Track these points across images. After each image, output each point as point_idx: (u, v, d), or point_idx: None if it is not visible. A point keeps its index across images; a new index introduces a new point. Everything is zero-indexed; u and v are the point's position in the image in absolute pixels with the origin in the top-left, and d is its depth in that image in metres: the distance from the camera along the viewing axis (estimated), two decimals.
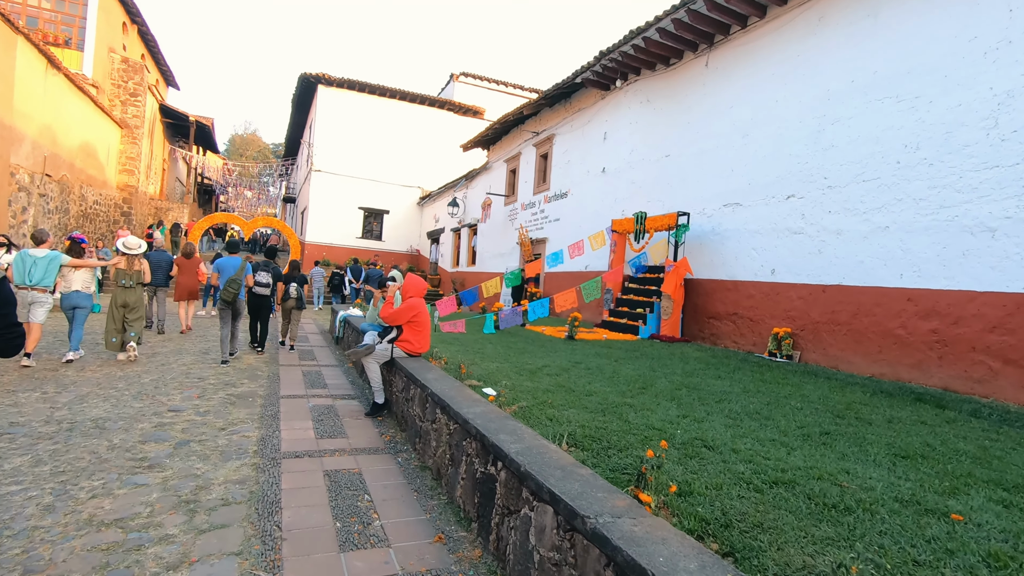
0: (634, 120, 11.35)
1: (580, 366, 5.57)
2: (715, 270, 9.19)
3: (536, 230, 15.11)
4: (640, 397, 4.23)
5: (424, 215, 26.96)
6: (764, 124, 8.47)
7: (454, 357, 5.62)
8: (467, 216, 20.69)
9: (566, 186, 13.78)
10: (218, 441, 4.20)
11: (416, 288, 5.38)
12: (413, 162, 26.58)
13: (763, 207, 8.36)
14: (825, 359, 7.20)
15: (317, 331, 11.93)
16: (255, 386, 6.14)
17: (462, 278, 20.73)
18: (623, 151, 11.59)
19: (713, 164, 9.40)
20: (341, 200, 25.35)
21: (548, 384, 4.51)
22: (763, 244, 8.33)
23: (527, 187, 15.92)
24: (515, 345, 7.06)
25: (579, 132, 13.32)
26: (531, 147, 15.76)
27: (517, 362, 5.58)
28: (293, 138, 32.35)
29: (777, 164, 8.18)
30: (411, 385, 4.61)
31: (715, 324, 9.09)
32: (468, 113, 27.68)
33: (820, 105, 7.59)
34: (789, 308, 7.81)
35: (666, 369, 5.84)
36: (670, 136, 10.47)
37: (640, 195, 11.07)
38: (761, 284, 8.29)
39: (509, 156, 17.25)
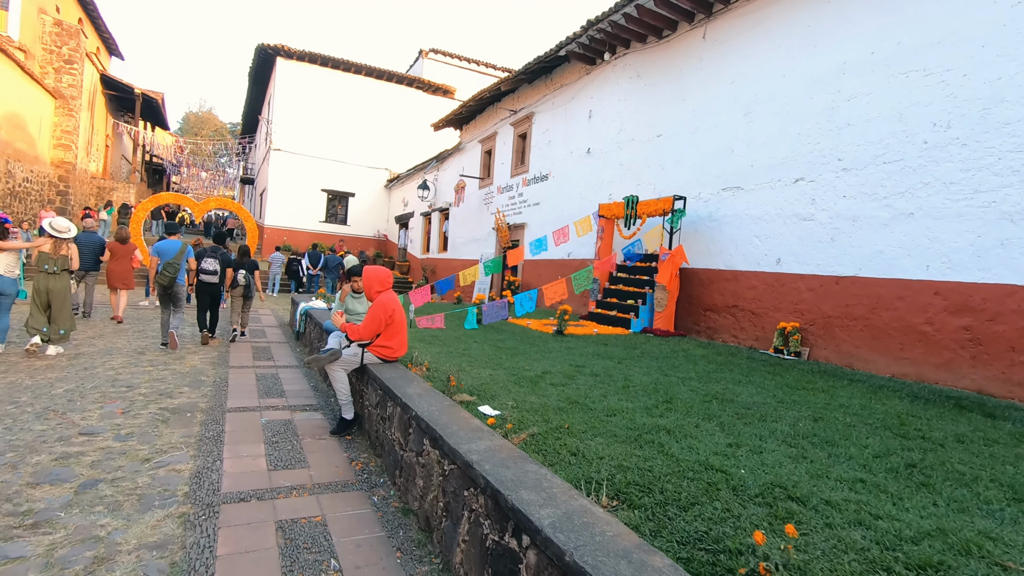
0: (623, 97, 10.57)
1: (584, 371, 4.79)
2: (712, 259, 8.55)
3: (514, 215, 14.26)
4: (671, 416, 3.48)
5: (392, 198, 25.72)
6: (769, 101, 7.80)
7: (437, 361, 4.77)
8: (438, 200, 19.65)
9: (547, 168, 12.95)
10: (138, 479, 3.26)
11: (381, 280, 4.49)
12: (380, 143, 25.25)
13: (767, 191, 7.73)
14: (838, 356, 6.64)
15: (276, 324, 10.84)
16: (196, 396, 5.16)
17: (433, 265, 19.75)
18: (611, 130, 10.81)
19: (711, 144, 8.71)
20: (303, 181, 23.89)
21: (556, 399, 3.71)
22: (767, 231, 7.70)
23: (504, 169, 15.02)
24: (504, 344, 6.25)
25: (561, 110, 12.47)
26: (508, 126, 14.83)
27: (512, 367, 4.76)
28: (251, 115, 30.43)
29: (784, 144, 7.53)
30: (389, 401, 3.74)
31: (712, 317, 8.47)
32: (438, 92, 26.45)
33: (834, 80, 6.95)
34: (797, 301, 7.22)
35: (678, 372, 5.13)
36: (663, 114, 9.74)
37: (629, 178, 10.34)
38: (764, 274, 7.68)
39: (484, 136, 16.28)
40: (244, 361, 6.97)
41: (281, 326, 10.55)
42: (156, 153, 32.66)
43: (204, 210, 15.74)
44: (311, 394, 5.62)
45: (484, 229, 15.96)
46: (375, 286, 4.47)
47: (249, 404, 5.03)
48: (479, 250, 16.15)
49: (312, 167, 24.03)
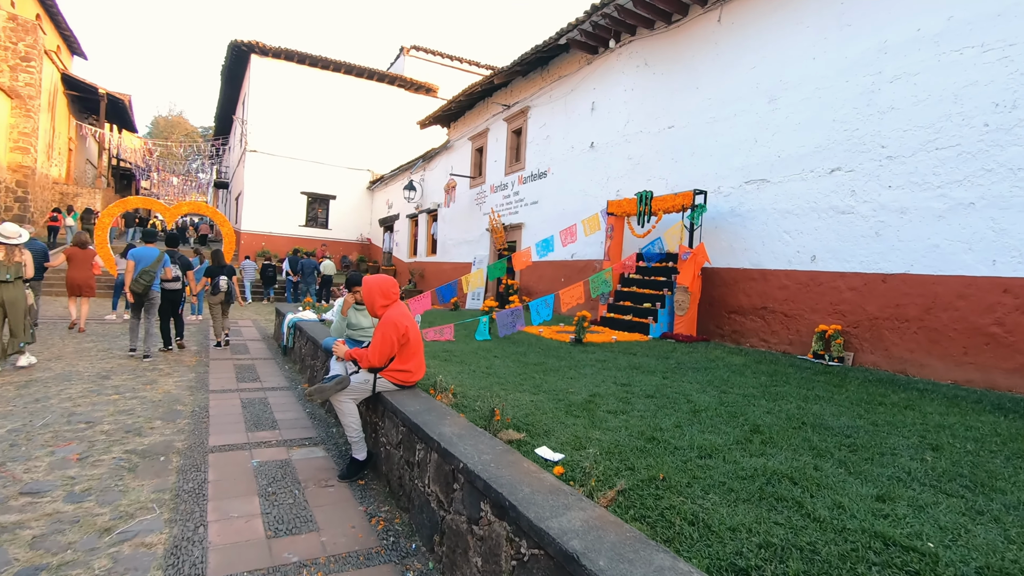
0: (630, 87, 9.94)
1: (635, 392, 4.10)
2: (736, 257, 7.95)
3: (510, 214, 13.54)
4: (774, 453, 2.81)
5: (375, 200, 24.80)
6: (797, 86, 7.22)
7: (462, 385, 4.02)
8: (426, 201, 18.83)
9: (545, 164, 12.26)
10: (95, 563, 2.46)
11: (384, 292, 3.73)
12: (361, 143, 24.32)
13: (798, 183, 7.15)
14: (888, 361, 6.07)
15: (258, 337, 9.94)
16: (171, 432, 4.33)
17: (421, 269, 18.92)
18: (616, 123, 10.17)
19: (730, 135, 8.12)
20: (281, 184, 22.84)
21: (627, 434, 3.01)
22: (798, 226, 7.12)
23: (497, 167, 14.30)
24: (527, 358, 5.52)
25: (560, 103, 11.80)
26: (501, 122, 14.12)
27: (552, 389, 4.05)
28: (224, 115, 29.18)
29: (816, 132, 6.96)
30: (419, 444, 3.00)
31: (737, 320, 7.86)
32: (420, 90, 25.63)
33: (874, 60, 6.39)
34: (837, 301, 6.63)
35: (736, 388, 4.47)
36: (674, 104, 9.12)
37: (638, 172, 9.70)
38: (797, 273, 7.10)
39: (474, 133, 15.54)
40: (226, 383, 6.12)
41: (265, 339, 9.65)
42: (123, 157, 31.18)
43: (176, 215, 14.70)
44: (308, 423, 4.82)
45: (477, 230, 15.21)
46: (378, 300, 3.71)
47: (236, 440, 4.22)
48: (472, 252, 15.39)
49: (290, 169, 23.00)
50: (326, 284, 16.87)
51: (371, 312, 3.74)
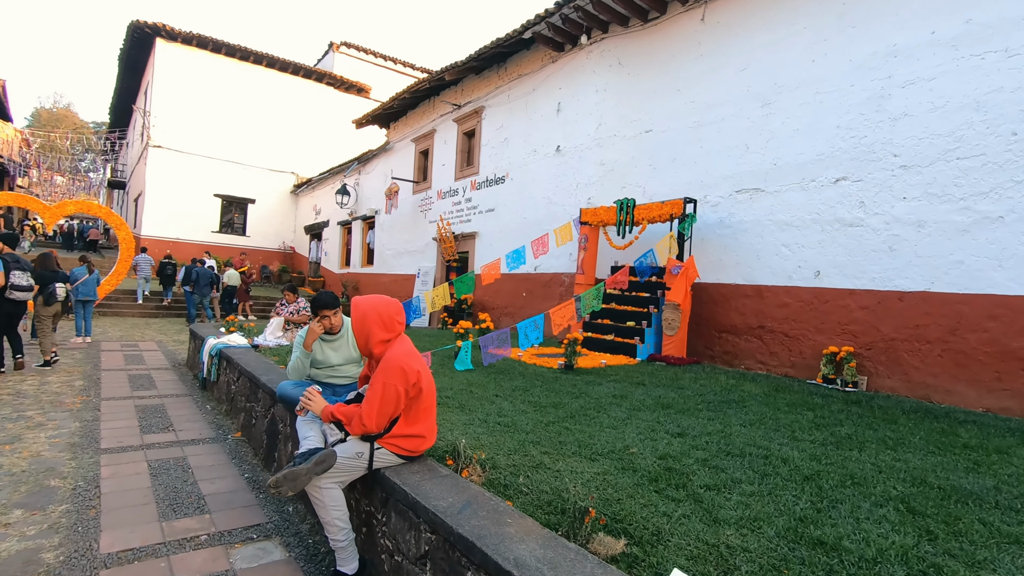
0: (602, 87, 9.23)
1: (698, 445, 3.20)
2: (726, 272, 7.36)
3: (462, 223, 12.44)
4: (970, 549, 1.96)
5: (301, 206, 22.79)
6: (794, 90, 6.76)
7: (481, 443, 2.94)
8: (361, 207, 17.30)
9: (503, 169, 11.31)
10: None
11: (386, 322, 2.58)
12: (285, 143, 22.30)
13: (797, 193, 6.65)
14: (907, 386, 5.60)
15: (166, 363, 8.17)
16: (38, 533, 2.89)
17: (355, 281, 17.32)
18: (587, 126, 9.42)
19: (717, 141, 7.56)
20: (191, 185, 20.36)
21: (765, 532, 2.08)
22: (799, 239, 6.61)
23: (446, 171, 13.18)
24: (534, 395, 4.48)
25: (520, 103, 10.92)
26: (450, 123, 13.04)
27: (599, 445, 3.06)
28: (122, 106, 25.91)
29: (817, 139, 6.50)
30: (468, 569, 1.88)
31: (730, 340, 7.25)
32: (351, 90, 24.01)
33: (882, 64, 6.00)
34: (846, 321, 6.14)
35: (802, 433, 3.68)
36: (652, 107, 8.50)
37: (612, 179, 8.99)
38: (799, 290, 6.57)
39: (419, 135, 14.34)
40: (125, 435, 4.59)
41: (175, 368, 7.92)
42: None
43: (59, 215, 12.31)
44: (250, 498, 3.50)
45: (421, 239, 13.96)
46: (377, 332, 2.56)
47: (147, 539, 2.86)
48: (415, 263, 14.12)
49: (202, 168, 20.57)
50: (228, 296, 14.93)
51: (363, 349, 2.58)
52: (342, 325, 3.45)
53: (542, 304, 9.95)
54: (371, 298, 2.62)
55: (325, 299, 3.32)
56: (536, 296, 10.10)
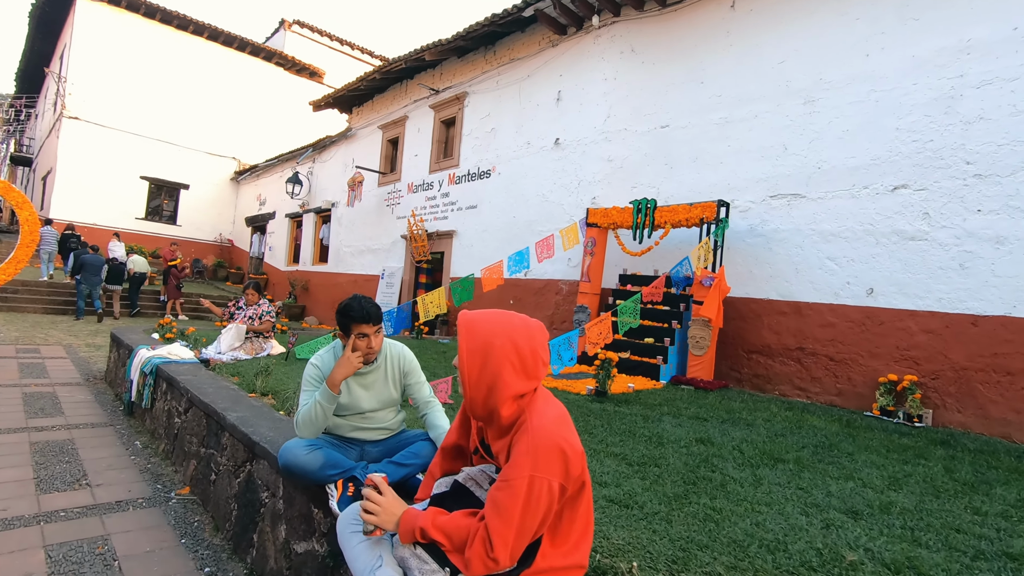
0: (611, 76, 8.33)
1: (889, 530, 2.25)
2: (758, 286, 6.60)
3: (436, 220, 11.21)
4: None
5: (242, 195, 20.69)
6: (844, 87, 6.09)
7: (618, 549, 1.84)
8: (315, 198, 15.65)
9: (488, 162, 10.21)
10: None
11: (525, 362, 1.41)
12: (226, 126, 20.18)
13: (846, 200, 5.97)
14: (982, 423, 4.95)
15: (77, 377, 6.48)
16: None
17: (304, 280, 15.62)
18: (593, 117, 8.49)
19: (749, 139, 6.81)
20: (112, 164, 17.93)
21: None
22: (848, 253, 5.92)
23: (419, 162, 11.91)
24: (601, 439, 3.43)
25: (512, 91, 9.87)
26: (426, 109, 11.79)
27: (769, 535, 2.05)
28: (31, 71, 22.74)
29: (873, 142, 5.84)
30: None
31: (761, 362, 6.48)
32: (303, 72, 22.17)
33: (952, 62, 5.39)
34: (905, 345, 5.47)
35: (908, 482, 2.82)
36: (670, 100, 7.67)
37: (621, 178, 8.09)
38: (848, 308, 5.87)
39: (387, 121, 12.98)
40: (10, 497, 3.14)
41: (90, 382, 6.26)
42: None
43: None
44: None
45: (387, 236, 12.59)
46: (510, 382, 1.38)
47: None
48: (379, 263, 12.72)
49: (127, 146, 18.18)
50: (136, 285, 13.06)
51: (477, 407, 1.43)
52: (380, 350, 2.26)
53: (534, 314, 8.86)
54: (494, 316, 1.48)
55: (365, 308, 2.14)
56: (526, 305, 9.04)
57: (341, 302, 2.23)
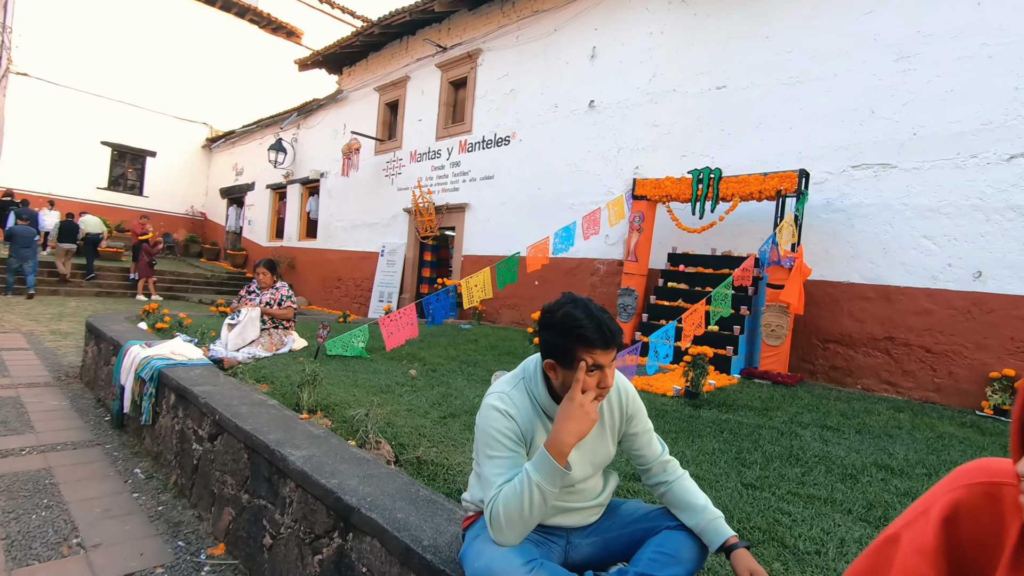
0: (657, 30, 7.41)
1: None
2: (835, 267, 5.90)
3: (445, 191, 10.20)
4: None
5: (216, 164, 19.13)
6: (948, 40, 5.32)
7: None
8: (301, 167, 14.37)
9: (507, 128, 9.21)
10: None
11: None
12: (197, 88, 18.50)
13: (949, 171, 5.26)
14: None
15: (45, 375, 5.37)
16: None
17: (290, 257, 14.43)
18: (635, 77, 7.58)
19: (826, 102, 6.03)
20: (68, 127, 16.21)
21: None
22: (950, 231, 5.23)
23: (423, 128, 10.81)
24: (767, 469, 2.64)
25: (536, 47, 8.85)
26: (432, 69, 10.66)
27: None
28: None
29: (984, 104, 5.11)
30: None
31: (840, 353, 5.81)
32: (279, 31, 20.50)
33: None
34: (1022, 336, 4.84)
35: None
36: (728, 57, 6.81)
37: (668, 145, 7.24)
38: (949, 294, 5.21)
39: (385, 83, 11.78)
40: None
41: (61, 381, 5.19)
42: None
43: None
44: None
45: (387, 210, 11.51)
46: None
47: None
48: (377, 238, 11.66)
49: (85, 107, 16.44)
50: (91, 247, 12.18)
51: None
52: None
53: None
54: None
55: (606, 324, 1.27)
56: (554, 286, 8.18)
57: (547, 307, 1.35)
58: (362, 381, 3.63)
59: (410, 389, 3.53)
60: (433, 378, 3.99)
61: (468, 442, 2.58)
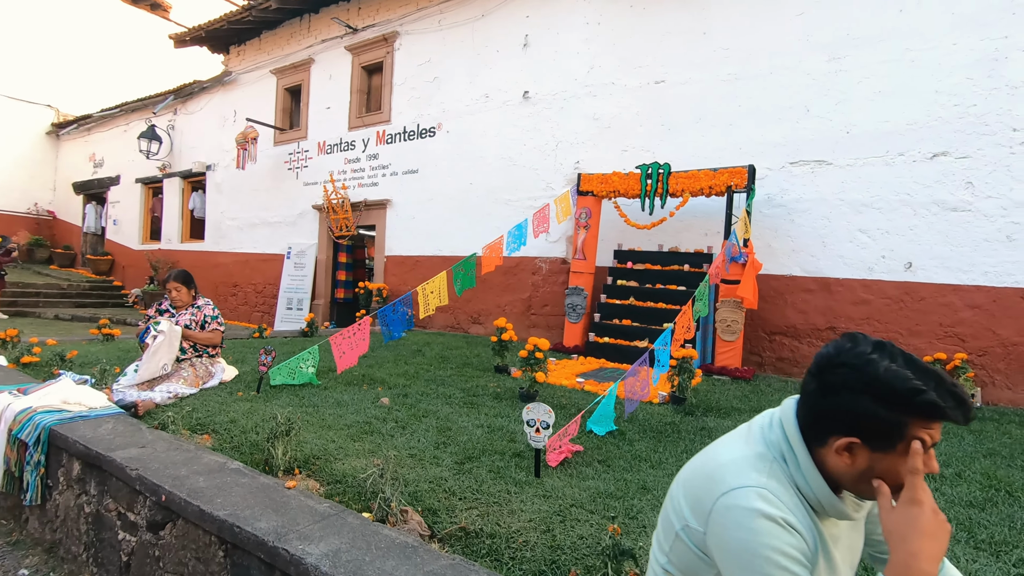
0: (594, 20, 7.20)
1: None
2: (778, 261, 6.06)
3: (363, 186, 9.33)
4: None
5: (66, 154, 16.32)
6: (876, 43, 5.61)
7: None
8: (181, 159, 12.57)
9: (431, 118, 8.58)
10: None
11: None
12: (39, 65, 15.58)
13: (879, 168, 5.56)
14: None
15: None
16: None
17: (172, 261, 12.58)
18: (572, 69, 7.32)
19: (764, 99, 6.17)
20: None
21: None
22: (882, 224, 5.54)
23: (333, 117, 9.83)
24: None
25: (462, 32, 8.30)
26: (341, 52, 9.69)
27: None
28: None
29: (909, 105, 5.44)
30: None
31: (786, 344, 5.99)
32: (142, 3, 17.86)
33: (996, 20, 5.10)
34: (951, 323, 5.23)
35: None
36: (666, 52, 6.77)
37: (609, 139, 7.08)
38: (884, 284, 5.52)
39: (283, 65, 10.57)
40: None
41: None
42: None
43: None
44: None
45: (292, 206, 10.36)
46: None
47: None
48: (282, 239, 10.46)
49: None
50: None
51: None
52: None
53: (501, 297, 7.70)
54: None
55: (958, 385, 0.85)
56: (494, 287, 7.75)
57: (836, 355, 0.94)
58: (331, 419, 2.97)
59: (396, 425, 2.93)
60: (410, 406, 3.40)
61: (512, 496, 2.09)
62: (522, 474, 2.32)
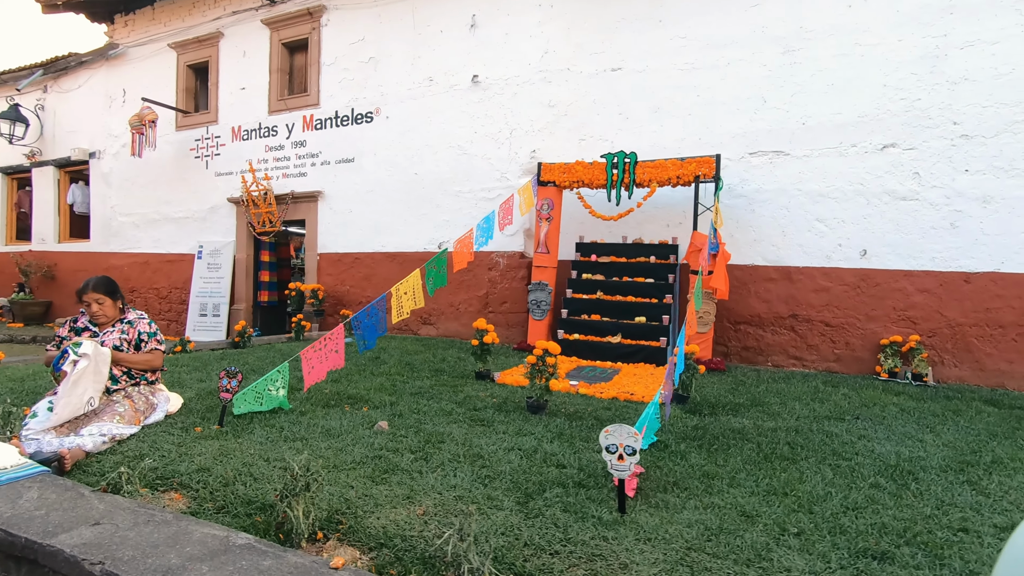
0: (547, 3, 6.87)
1: None
2: (741, 251, 6.10)
3: (288, 177, 8.40)
4: None
5: None
6: (827, 38, 5.77)
7: None
8: (55, 144, 10.74)
9: (368, 102, 7.86)
10: None
11: None
12: None
13: (834, 159, 5.73)
14: (979, 375, 5.20)
15: None
16: None
17: (48, 264, 10.78)
18: (525, 53, 6.95)
19: (722, 90, 6.18)
20: None
21: None
22: (839, 214, 5.73)
23: (249, 98, 8.76)
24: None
25: (401, 9, 7.64)
26: (258, 25, 8.64)
27: None
28: None
29: (860, 98, 5.65)
30: None
31: (751, 334, 6.05)
32: None
33: (936, 19, 5.39)
34: (903, 306, 5.49)
35: None
36: (623, 39, 6.61)
37: (566, 127, 6.81)
38: (842, 271, 5.71)
39: (185, 38, 9.28)
40: None
41: None
42: None
43: None
44: None
45: (202, 200, 9.14)
46: None
47: None
48: (190, 237, 9.23)
49: None
50: None
51: None
52: None
53: (454, 295, 7.22)
54: None
55: None
56: (449, 284, 7.20)
57: None
58: (331, 455, 2.41)
59: (414, 456, 2.43)
60: (415, 429, 2.88)
61: (610, 543, 1.71)
62: (603, 510, 1.94)
